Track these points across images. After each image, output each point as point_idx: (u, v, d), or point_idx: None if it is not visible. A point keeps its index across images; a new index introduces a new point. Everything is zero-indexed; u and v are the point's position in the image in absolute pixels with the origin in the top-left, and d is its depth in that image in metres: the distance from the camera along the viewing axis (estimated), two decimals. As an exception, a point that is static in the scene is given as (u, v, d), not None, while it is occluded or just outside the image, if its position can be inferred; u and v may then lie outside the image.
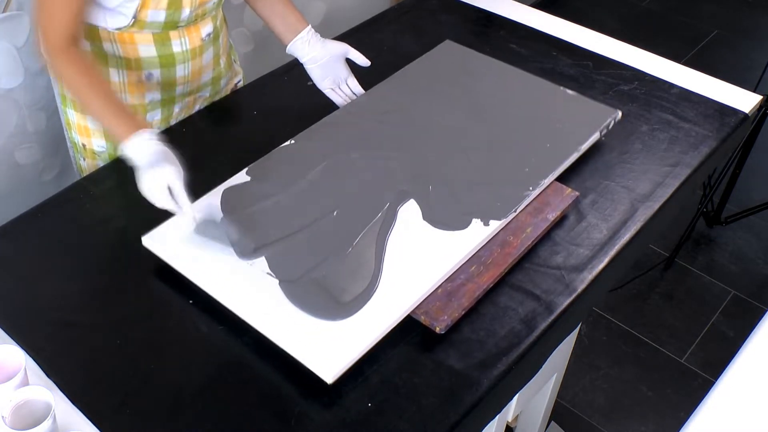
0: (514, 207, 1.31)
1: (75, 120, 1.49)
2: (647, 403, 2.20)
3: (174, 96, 1.51)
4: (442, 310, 1.17)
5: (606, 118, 1.51)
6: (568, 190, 1.38)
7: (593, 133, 1.48)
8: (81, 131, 1.50)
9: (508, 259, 1.26)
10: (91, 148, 1.51)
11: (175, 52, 1.43)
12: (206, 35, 1.47)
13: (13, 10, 1.61)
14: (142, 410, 1.07)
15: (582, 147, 1.46)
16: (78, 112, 1.48)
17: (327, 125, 1.49)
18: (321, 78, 1.55)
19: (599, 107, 1.54)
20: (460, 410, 1.08)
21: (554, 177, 1.39)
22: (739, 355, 1.24)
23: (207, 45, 1.48)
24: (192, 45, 1.45)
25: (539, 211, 1.33)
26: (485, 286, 1.22)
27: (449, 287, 1.21)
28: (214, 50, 1.52)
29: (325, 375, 1.07)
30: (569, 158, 1.43)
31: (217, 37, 1.51)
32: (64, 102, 1.49)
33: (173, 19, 1.38)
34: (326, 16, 2.40)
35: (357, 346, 1.10)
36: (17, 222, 1.33)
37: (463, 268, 1.24)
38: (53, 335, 1.15)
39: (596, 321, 2.40)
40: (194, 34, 1.44)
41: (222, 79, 1.60)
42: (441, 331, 1.16)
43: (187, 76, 1.49)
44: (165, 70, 1.45)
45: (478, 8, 1.95)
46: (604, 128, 1.50)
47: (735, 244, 2.69)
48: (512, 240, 1.28)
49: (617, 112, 1.53)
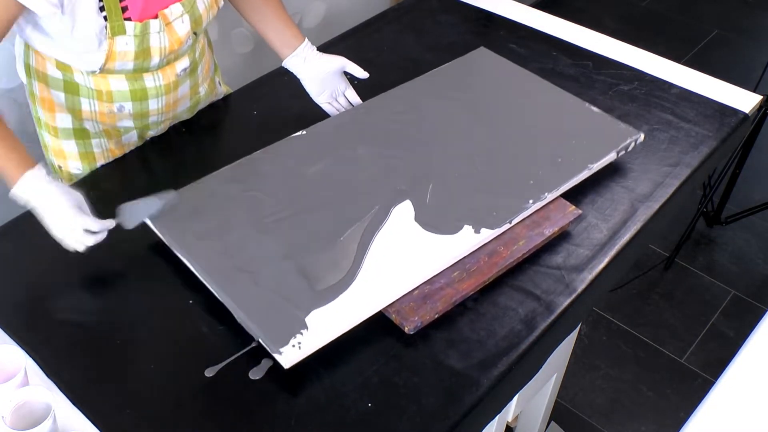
0: (509, 218, 1.29)
1: (50, 143, 1.47)
2: (647, 403, 2.20)
3: (148, 124, 1.48)
4: (414, 311, 1.17)
5: (626, 138, 1.46)
6: (571, 207, 1.34)
7: (608, 153, 1.43)
8: (57, 154, 1.47)
9: (493, 269, 1.24)
10: (67, 171, 1.48)
11: (148, 87, 1.39)
12: (181, 71, 1.42)
13: (13, 10, 1.61)
14: (142, 410, 1.07)
15: (593, 166, 1.41)
16: (52, 136, 1.45)
17: (342, 119, 1.49)
18: (318, 93, 1.53)
19: (621, 127, 1.49)
20: (460, 410, 1.08)
21: (559, 193, 1.36)
22: (739, 355, 1.24)
23: (183, 79, 1.44)
24: (166, 81, 1.40)
25: (537, 225, 1.31)
26: (464, 293, 1.21)
27: (427, 290, 1.20)
28: (191, 82, 1.48)
29: (282, 361, 1.08)
30: (578, 176, 1.39)
31: (194, 69, 1.47)
32: (39, 124, 1.46)
33: (143, 67, 1.35)
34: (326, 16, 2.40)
35: (321, 336, 1.11)
36: (17, 222, 1.33)
37: (445, 273, 1.23)
38: (53, 335, 1.15)
39: (596, 321, 2.40)
40: (168, 71, 1.40)
41: (201, 104, 1.56)
42: (410, 331, 1.15)
43: (161, 108, 1.45)
44: (137, 103, 1.41)
45: (478, 8, 1.95)
46: (623, 149, 1.45)
47: (735, 244, 2.69)
48: (502, 250, 1.27)
49: (639, 134, 1.47)
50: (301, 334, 1.10)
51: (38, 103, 1.43)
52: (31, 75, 1.41)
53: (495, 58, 1.68)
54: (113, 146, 1.49)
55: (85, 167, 1.48)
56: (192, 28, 1.36)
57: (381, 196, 1.32)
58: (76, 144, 1.45)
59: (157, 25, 1.29)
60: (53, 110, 1.42)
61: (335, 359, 1.12)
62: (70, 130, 1.44)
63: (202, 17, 1.37)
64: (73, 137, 1.44)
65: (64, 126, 1.43)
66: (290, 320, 1.12)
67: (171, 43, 1.33)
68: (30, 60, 1.39)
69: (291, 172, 1.37)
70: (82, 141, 1.46)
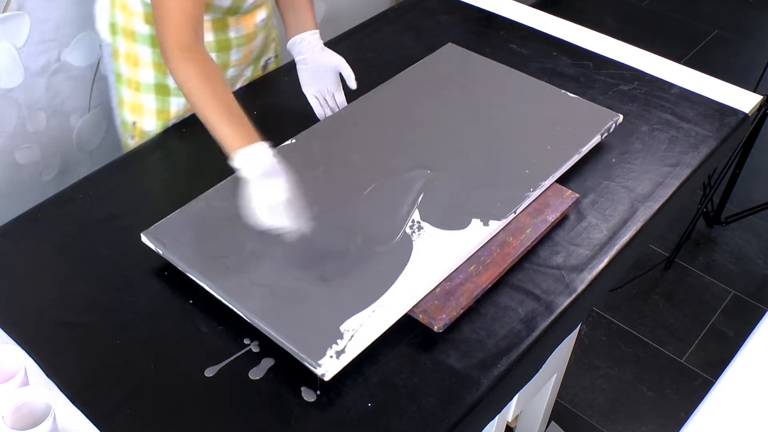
0: (513, 208, 1.31)
1: (129, 98, 1.53)
2: (647, 403, 2.20)
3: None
4: (440, 309, 1.17)
5: (607, 121, 1.51)
6: (567, 191, 1.38)
7: (594, 136, 1.48)
8: (134, 109, 1.53)
9: (507, 260, 1.26)
10: (140, 127, 1.54)
11: (231, 38, 1.48)
12: (260, 21, 1.52)
13: (13, 10, 1.61)
14: (142, 410, 1.07)
15: (582, 149, 1.46)
16: (133, 90, 1.51)
17: (329, 125, 1.49)
18: (308, 83, 1.54)
19: (600, 110, 1.54)
20: (460, 410, 1.08)
21: (554, 179, 1.39)
22: (739, 355, 1.24)
23: (260, 30, 1.54)
24: (247, 31, 1.50)
25: (539, 212, 1.33)
26: (484, 286, 1.22)
27: (448, 287, 1.21)
28: (265, 34, 1.58)
29: (322, 372, 1.07)
30: (569, 160, 1.43)
31: (267, 23, 1.57)
32: (119, 80, 1.53)
33: (236, 6, 1.42)
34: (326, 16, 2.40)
35: (356, 344, 1.10)
36: (17, 222, 1.33)
37: (462, 268, 1.24)
38: (53, 335, 1.15)
39: (596, 321, 2.40)
40: (249, 21, 1.49)
41: (261, 58, 1.65)
42: (439, 329, 1.16)
43: (240, 59, 1.54)
44: (221, 54, 1.49)
45: (478, 8, 1.95)
46: (605, 131, 1.50)
47: (735, 244, 2.69)
48: (511, 240, 1.28)
49: (618, 116, 1.53)
50: (337, 344, 1.10)
51: (122, 59, 1.50)
52: (117, 32, 1.48)
53: (464, 53, 1.70)
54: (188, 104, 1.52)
55: (158, 124, 1.54)
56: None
57: (379, 200, 1.32)
58: (155, 99, 1.52)
59: None
60: (137, 65, 1.49)
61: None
62: (152, 85, 1.51)
63: None
64: (154, 92, 1.51)
65: (147, 81, 1.50)
66: (323, 331, 1.12)
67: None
68: (116, 18, 1.48)
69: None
70: (162, 97, 1.52)
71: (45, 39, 1.68)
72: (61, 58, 1.72)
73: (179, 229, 1.25)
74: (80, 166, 1.89)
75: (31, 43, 1.66)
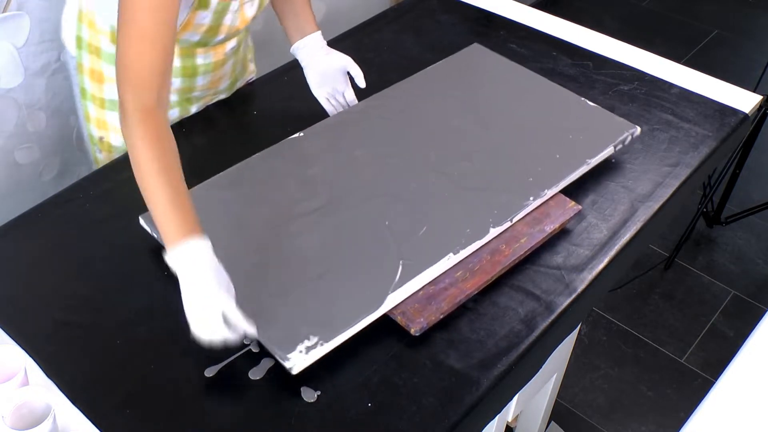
0: (510, 215, 1.29)
1: (94, 114, 1.51)
2: (647, 403, 2.20)
3: (191, 98, 1.53)
4: (419, 313, 1.16)
5: (622, 133, 1.47)
6: (571, 203, 1.34)
7: (605, 148, 1.44)
8: (100, 125, 1.51)
9: (497, 268, 1.24)
10: (108, 141, 1.52)
11: (198, 65, 1.46)
12: (230, 49, 1.49)
13: (13, 10, 1.61)
14: (142, 410, 1.07)
15: (591, 161, 1.41)
16: (98, 107, 1.49)
17: (339, 121, 1.49)
18: (318, 86, 1.54)
19: (618, 121, 1.50)
20: (460, 410, 1.08)
21: (558, 189, 1.36)
22: (739, 355, 1.24)
23: (229, 57, 1.51)
24: (215, 58, 1.47)
25: (538, 221, 1.31)
26: (468, 293, 1.20)
27: (431, 290, 1.20)
28: (235, 60, 1.54)
29: (290, 366, 1.08)
30: (576, 171, 1.39)
31: (239, 49, 1.53)
32: (84, 95, 1.50)
33: (205, 41, 1.39)
34: (326, 16, 2.40)
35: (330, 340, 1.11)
36: (17, 222, 1.33)
37: (449, 273, 1.22)
38: (53, 335, 1.15)
39: (596, 321, 2.40)
40: (219, 49, 1.46)
41: (238, 81, 1.62)
42: (416, 333, 1.15)
43: (206, 84, 1.51)
44: (186, 79, 1.47)
45: (478, 8, 1.95)
46: (619, 143, 1.46)
47: (735, 244, 2.69)
48: (504, 249, 1.26)
49: (635, 128, 1.49)
50: (308, 339, 1.10)
51: (86, 74, 1.47)
52: (82, 47, 1.45)
53: (489, 54, 1.68)
54: None
55: None
56: (257, 12, 1.41)
57: (380, 198, 1.32)
58: None
59: (236, 5, 1.34)
60: (102, 81, 1.46)
61: (335, 359, 1.12)
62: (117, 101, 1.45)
63: (264, 2, 1.42)
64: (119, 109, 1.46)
65: (112, 98, 1.47)
66: (296, 326, 1.12)
67: (240, 23, 1.39)
68: (82, 33, 1.44)
69: (290, 174, 1.36)
70: None
71: (45, 39, 1.68)
72: (61, 58, 1.72)
73: None
74: (80, 166, 1.89)
75: (31, 43, 1.66)
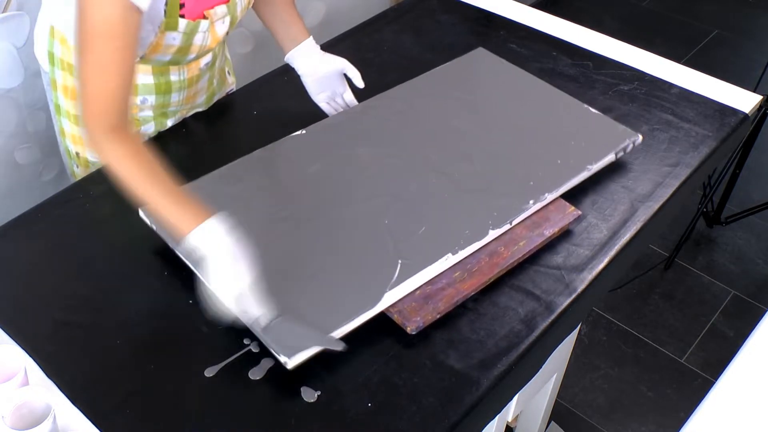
0: (509, 218, 1.29)
1: (69, 130, 1.48)
2: (647, 403, 2.20)
3: (166, 113, 1.50)
4: (416, 312, 1.17)
5: (624, 140, 1.47)
6: (571, 208, 1.35)
7: (607, 154, 1.44)
8: (75, 141, 1.49)
9: (494, 270, 1.24)
10: (84, 157, 1.49)
11: (173, 81, 1.43)
12: (204, 65, 1.47)
13: (13, 10, 1.61)
14: (142, 410, 1.07)
15: (592, 167, 1.41)
16: (72, 123, 1.47)
17: (340, 120, 1.49)
18: (316, 91, 1.53)
19: (619, 128, 1.50)
20: (460, 410, 1.08)
21: (558, 194, 1.36)
22: (739, 355, 1.24)
23: (204, 73, 1.49)
24: (189, 75, 1.45)
25: (537, 225, 1.31)
26: (465, 293, 1.21)
27: (428, 290, 1.20)
28: (210, 75, 1.52)
29: (284, 360, 1.08)
30: (577, 177, 1.39)
31: (214, 63, 1.51)
32: (58, 111, 1.48)
33: (177, 61, 1.38)
34: (326, 16, 2.40)
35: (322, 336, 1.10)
36: (17, 222, 1.33)
37: (447, 273, 1.22)
38: (53, 335, 1.15)
39: (596, 321, 2.40)
40: (193, 65, 1.44)
41: (215, 95, 1.60)
42: (412, 331, 1.15)
43: (181, 100, 1.49)
44: (160, 96, 1.44)
45: (478, 8, 1.95)
46: (621, 150, 1.46)
47: (735, 244, 2.69)
48: (503, 251, 1.27)
49: (637, 136, 1.48)
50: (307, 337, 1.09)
51: (60, 91, 1.45)
52: (55, 63, 1.42)
53: (493, 59, 1.68)
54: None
55: None
56: (229, 29, 1.39)
57: (380, 197, 1.32)
58: None
59: (205, 24, 1.32)
60: (75, 98, 1.44)
61: (335, 359, 1.12)
62: None
63: (237, 18, 1.39)
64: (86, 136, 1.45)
65: None
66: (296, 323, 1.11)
67: (211, 42, 1.36)
68: (54, 49, 1.41)
69: (290, 171, 1.37)
70: None
71: (45, 39, 1.68)
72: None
73: None
74: (80, 166, 1.89)
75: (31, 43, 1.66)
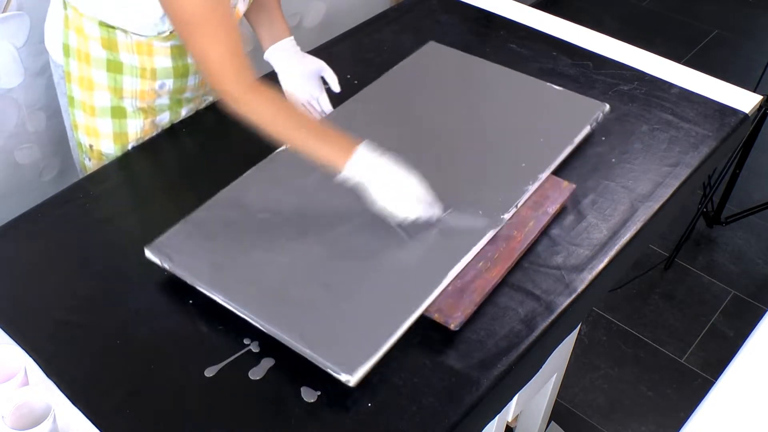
0: (515, 202, 1.33)
1: (83, 122, 1.49)
2: (647, 403, 2.20)
3: (181, 100, 1.53)
4: (455, 307, 1.18)
5: (594, 111, 1.53)
6: (564, 183, 1.39)
7: (584, 127, 1.50)
8: (90, 133, 1.50)
9: (514, 254, 1.27)
10: (98, 149, 1.51)
11: (190, 63, 1.46)
12: None
13: (13, 10, 1.61)
14: (142, 410, 1.07)
15: (576, 140, 1.48)
16: (87, 115, 1.48)
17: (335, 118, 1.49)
18: (292, 90, 1.53)
19: (586, 101, 1.57)
20: (460, 410, 1.08)
21: (551, 170, 1.41)
22: (739, 355, 1.24)
23: None
24: None
25: (539, 205, 1.35)
26: (494, 281, 1.23)
27: (459, 284, 1.21)
28: None
29: (347, 378, 1.07)
30: (564, 152, 1.45)
31: None
32: (72, 104, 1.49)
33: None
34: (326, 16, 2.40)
35: (377, 346, 1.10)
36: (17, 222, 1.33)
37: (471, 265, 1.24)
38: (53, 335, 1.15)
39: (596, 321, 2.40)
40: None
41: None
42: (455, 327, 1.16)
43: (197, 84, 1.51)
44: (177, 80, 1.47)
45: (478, 8, 1.95)
46: (593, 121, 1.52)
47: (735, 244, 2.69)
48: (516, 234, 1.29)
49: (605, 105, 1.56)
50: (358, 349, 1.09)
51: (75, 82, 1.46)
52: (70, 54, 1.43)
53: (446, 51, 1.71)
54: (147, 126, 1.51)
55: (117, 147, 1.50)
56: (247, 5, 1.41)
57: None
58: (111, 123, 1.48)
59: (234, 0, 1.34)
60: (92, 89, 1.45)
61: (335, 359, 1.12)
62: (108, 108, 1.47)
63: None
64: (110, 116, 1.47)
65: (102, 105, 1.46)
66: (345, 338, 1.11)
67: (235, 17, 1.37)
68: (69, 40, 1.42)
69: (288, 186, 1.35)
70: (118, 120, 1.48)
71: (45, 39, 1.68)
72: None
73: (183, 240, 1.24)
74: (80, 166, 1.89)
75: (31, 43, 1.66)
